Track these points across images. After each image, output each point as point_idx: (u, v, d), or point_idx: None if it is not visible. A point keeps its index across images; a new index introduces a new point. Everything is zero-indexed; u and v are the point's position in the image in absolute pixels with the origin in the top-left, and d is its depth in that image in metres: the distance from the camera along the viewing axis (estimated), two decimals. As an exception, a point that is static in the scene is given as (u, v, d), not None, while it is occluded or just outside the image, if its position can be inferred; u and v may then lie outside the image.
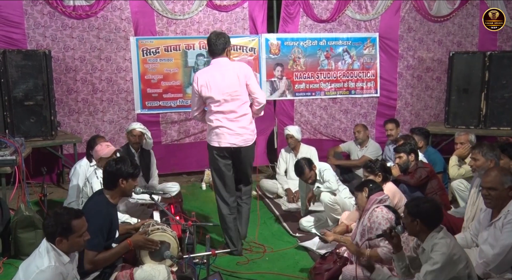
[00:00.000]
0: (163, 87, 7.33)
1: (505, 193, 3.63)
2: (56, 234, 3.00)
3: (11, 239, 4.74)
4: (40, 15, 6.70)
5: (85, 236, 3.12)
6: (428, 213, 3.31)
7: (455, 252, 3.18)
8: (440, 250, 3.19)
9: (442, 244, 3.21)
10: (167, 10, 7.17)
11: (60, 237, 3.00)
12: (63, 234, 3.01)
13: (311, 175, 5.43)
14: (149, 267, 3.69)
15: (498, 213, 3.68)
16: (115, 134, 7.29)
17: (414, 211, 3.35)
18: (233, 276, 4.42)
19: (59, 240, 3.00)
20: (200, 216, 5.84)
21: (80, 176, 5.35)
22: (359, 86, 7.97)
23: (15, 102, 6.30)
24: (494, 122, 7.05)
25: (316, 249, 4.83)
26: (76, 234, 3.04)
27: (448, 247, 3.19)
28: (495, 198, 3.65)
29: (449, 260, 3.14)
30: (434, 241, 3.26)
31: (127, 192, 3.86)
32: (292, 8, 7.59)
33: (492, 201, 3.68)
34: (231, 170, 4.79)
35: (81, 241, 3.09)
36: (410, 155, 5.31)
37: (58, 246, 3.01)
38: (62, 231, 3.00)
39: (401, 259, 3.53)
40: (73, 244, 3.06)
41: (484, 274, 3.59)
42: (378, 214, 4.01)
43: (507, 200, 3.65)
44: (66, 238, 3.02)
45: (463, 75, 7.16)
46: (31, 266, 2.95)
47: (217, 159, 4.73)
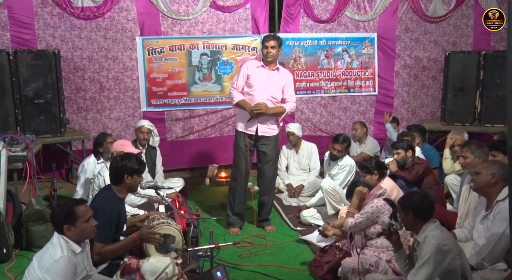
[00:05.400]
0: (168, 85, 7.33)
1: (488, 178, 3.70)
2: (62, 222, 3.02)
3: (23, 231, 4.76)
4: (50, 16, 6.70)
5: (92, 222, 3.12)
6: (419, 204, 3.31)
7: (445, 243, 3.16)
8: (429, 242, 3.18)
9: (432, 236, 3.21)
10: (172, 11, 7.15)
11: (67, 224, 3.02)
12: (69, 221, 3.03)
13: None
14: (155, 259, 3.71)
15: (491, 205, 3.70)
16: (121, 131, 7.29)
17: (406, 204, 3.36)
18: (236, 268, 4.42)
19: (67, 228, 3.03)
20: (204, 210, 5.85)
21: (88, 173, 5.37)
22: (358, 84, 7.96)
23: (26, 100, 6.31)
24: (489, 120, 7.05)
25: (316, 242, 4.83)
26: (81, 220, 3.06)
27: (438, 238, 3.17)
28: (480, 181, 3.75)
29: (438, 251, 3.12)
30: (426, 233, 3.25)
31: (133, 187, 3.86)
32: (293, 9, 7.57)
33: (476, 184, 3.81)
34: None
35: (89, 227, 3.10)
36: (408, 151, 5.31)
37: (67, 234, 3.03)
38: (67, 218, 3.03)
39: (402, 257, 3.50)
40: (81, 230, 3.08)
41: (477, 265, 3.59)
42: (373, 203, 4.02)
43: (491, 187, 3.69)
44: (73, 225, 3.04)
45: (459, 74, 7.14)
46: (45, 256, 2.98)
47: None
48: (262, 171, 5.27)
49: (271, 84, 5.06)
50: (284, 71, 5.25)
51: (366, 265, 3.80)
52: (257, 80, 5.05)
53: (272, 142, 5.18)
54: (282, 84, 5.13)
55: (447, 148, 6.03)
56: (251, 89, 5.05)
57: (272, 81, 5.07)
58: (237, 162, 5.24)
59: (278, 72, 5.13)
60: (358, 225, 4.02)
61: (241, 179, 5.25)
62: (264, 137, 5.13)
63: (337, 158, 5.74)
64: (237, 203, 5.28)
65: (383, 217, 3.92)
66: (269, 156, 5.18)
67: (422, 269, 3.15)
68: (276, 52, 5.04)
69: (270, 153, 5.18)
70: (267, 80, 5.05)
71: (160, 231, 3.79)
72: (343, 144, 5.69)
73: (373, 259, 3.85)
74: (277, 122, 5.22)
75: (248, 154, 5.17)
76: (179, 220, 4.43)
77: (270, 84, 5.06)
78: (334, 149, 5.72)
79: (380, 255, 3.91)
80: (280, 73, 5.14)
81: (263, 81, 5.05)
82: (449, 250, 3.15)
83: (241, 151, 5.18)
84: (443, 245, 3.14)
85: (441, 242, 3.15)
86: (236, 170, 5.29)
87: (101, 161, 5.37)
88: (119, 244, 3.65)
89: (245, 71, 5.13)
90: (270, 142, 5.16)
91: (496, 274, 3.50)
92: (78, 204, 3.11)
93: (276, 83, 5.09)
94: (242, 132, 5.16)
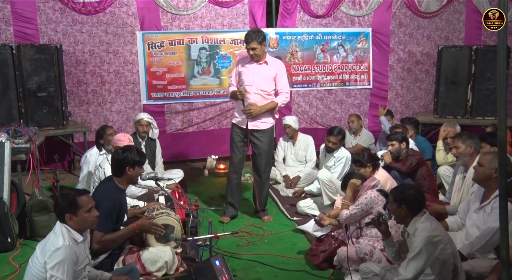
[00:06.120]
0: (168, 79, 7.31)
1: (489, 172, 3.69)
2: (65, 211, 3.02)
3: (27, 221, 4.76)
4: (52, 11, 6.66)
5: (93, 212, 3.12)
6: (413, 199, 3.31)
7: (435, 234, 3.16)
8: (420, 234, 3.18)
9: (422, 228, 3.21)
10: (171, 6, 7.11)
11: (69, 213, 3.02)
12: (71, 210, 3.03)
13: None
14: (155, 248, 3.72)
15: (489, 197, 3.69)
16: (122, 124, 7.27)
17: (400, 197, 3.34)
18: (234, 257, 4.43)
19: (69, 217, 3.03)
20: (203, 201, 5.85)
21: (90, 164, 5.36)
22: (353, 78, 7.95)
23: (28, 93, 6.29)
24: (480, 113, 7.06)
25: (312, 232, 4.84)
26: (83, 209, 3.06)
27: (428, 230, 3.17)
28: (481, 173, 3.75)
29: (429, 242, 3.13)
30: (416, 225, 3.25)
31: (134, 179, 3.86)
32: (290, 4, 7.54)
33: (477, 175, 3.80)
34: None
35: (90, 217, 3.10)
36: (402, 143, 5.31)
37: (69, 223, 3.03)
38: (69, 207, 3.02)
39: (391, 245, 3.52)
40: (83, 220, 3.07)
41: (469, 255, 3.60)
42: (367, 194, 4.03)
43: (492, 181, 3.67)
44: (75, 214, 3.04)
45: (451, 68, 7.14)
46: (47, 245, 2.98)
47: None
48: (255, 163, 5.27)
49: (258, 78, 5.03)
50: (274, 63, 5.18)
51: (361, 254, 3.81)
52: (246, 75, 5.06)
53: (265, 134, 5.17)
54: (272, 76, 5.09)
55: (440, 139, 6.05)
56: (242, 85, 5.06)
57: (260, 75, 5.04)
58: (231, 153, 5.30)
59: (267, 65, 5.09)
60: (353, 216, 4.03)
61: (234, 169, 5.30)
62: (257, 131, 5.13)
63: (332, 150, 5.75)
64: (229, 193, 5.34)
65: (377, 208, 3.93)
66: (261, 148, 5.17)
67: (413, 261, 3.16)
68: (260, 50, 4.95)
69: (262, 145, 5.16)
70: (254, 74, 5.03)
71: (159, 221, 3.79)
72: (338, 136, 5.70)
73: (367, 248, 3.86)
74: (272, 115, 5.20)
75: (241, 145, 5.20)
76: (178, 210, 4.43)
77: (258, 77, 5.03)
78: (329, 141, 5.72)
79: (374, 244, 3.93)
80: (269, 65, 5.09)
81: (251, 76, 5.04)
82: (439, 241, 3.16)
83: (234, 143, 5.21)
84: (433, 237, 3.15)
85: (431, 233, 3.16)
86: (230, 161, 5.35)
87: (103, 152, 5.36)
88: (119, 233, 3.66)
89: (237, 69, 5.17)
90: (263, 134, 5.15)
91: (486, 263, 3.51)
92: (81, 194, 3.11)
93: (264, 76, 5.06)
94: (236, 125, 5.19)
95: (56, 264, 2.88)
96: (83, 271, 3.14)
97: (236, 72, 5.17)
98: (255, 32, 4.94)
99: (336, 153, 5.73)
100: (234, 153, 5.25)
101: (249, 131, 5.12)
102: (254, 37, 4.88)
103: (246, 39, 4.94)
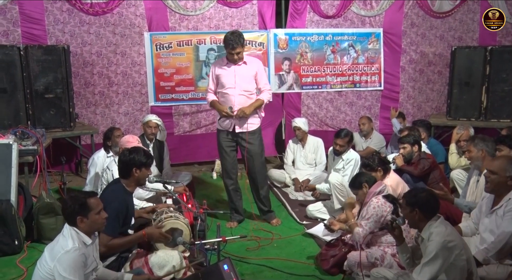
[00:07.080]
0: (176, 80, 7.32)
1: (504, 180, 3.58)
2: (75, 214, 3.03)
3: (34, 224, 4.79)
4: (60, 12, 6.70)
5: (102, 214, 3.14)
6: (426, 202, 3.27)
7: (451, 239, 3.12)
8: (434, 239, 3.15)
9: (436, 233, 3.17)
10: (180, 6, 7.13)
11: (79, 216, 3.03)
12: (82, 213, 3.04)
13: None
14: (163, 252, 3.72)
15: (500, 201, 3.63)
16: (130, 125, 7.30)
17: (413, 200, 3.30)
18: (243, 261, 4.42)
19: (80, 219, 3.04)
20: (211, 204, 5.85)
21: (98, 166, 5.38)
22: (364, 79, 7.91)
23: (36, 95, 6.33)
24: (495, 115, 7.00)
25: (322, 236, 4.81)
26: (93, 211, 3.08)
27: (443, 235, 3.14)
28: (495, 182, 3.62)
29: (443, 247, 3.09)
30: (430, 230, 3.21)
31: (141, 181, 3.87)
32: (300, 4, 7.53)
33: (491, 185, 3.65)
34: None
35: (100, 219, 3.12)
36: (414, 145, 5.27)
37: (80, 225, 3.04)
38: (79, 209, 3.03)
39: (404, 251, 3.48)
40: (93, 222, 3.09)
41: (484, 260, 3.55)
42: (373, 204, 3.99)
43: (506, 188, 3.60)
44: (86, 216, 3.05)
45: (465, 69, 7.08)
46: (56, 248, 2.99)
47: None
48: (248, 166, 5.22)
49: (240, 79, 5.01)
50: (252, 62, 5.15)
51: (372, 259, 3.79)
52: (226, 78, 5.02)
53: (254, 136, 5.13)
54: (252, 75, 5.07)
55: (453, 142, 5.99)
56: (224, 88, 5.03)
57: (240, 76, 5.01)
58: (222, 160, 5.30)
59: (246, 64, 5.07)
60: (369, 231, 3.97)
61: (227, 175, 5.29)
62: (245, 133, 5.08)
63: (340, 153, 5.71)
64: (229, 199, 5.36)
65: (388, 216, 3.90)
66: (252, 151, 5.14)
67: (428, 267, 3.12)
68: (243, 52, 4.98)
69: (253, 148, 5.13)
70: (235, 76, 5.00)
71: (168, 225, 3.80)
72: (345, 139, 5.66)
73: (378, 253, 3.83)
74: (258, 115, 5.16)
75: (230, 150, 5.20)
76: (186, 213, 4.42)
77: (239, 79, 5.01)
78: (336, 144, 5.68)
79: (385, 249, 3.90)
80: (248, 65, 5.07)
81: (231, 78, 5.00)
82: (454, 246, 3.12)
83: (222, 148, 5.20)
84: (448, 242, 3.11)
85: (446, 238, 3.12)
86: (222, 168, 5.35)
87: (111, 155, 5.38)
88: (127, 239, 3.67)
89: (213, 73, 5.12)
90: (251, 136, 5.11)
91: (502, 269, 3.46)
92: (90, 196, 3.13)
93: (245, 76, 5.04)
94: (221, 130, 5.17)
95: (67, 266, 2.90)
96: (90, 274, 3.14)
97: (213, 77, 5.12)
98: (237, 36, 4.88)
99: (345, 155, 5.70)
100: (224, 159, 5.24)
101: (237, 134, 5.10)
102: (238, 41, 4.86)
103: (230, 45, 4.87)
